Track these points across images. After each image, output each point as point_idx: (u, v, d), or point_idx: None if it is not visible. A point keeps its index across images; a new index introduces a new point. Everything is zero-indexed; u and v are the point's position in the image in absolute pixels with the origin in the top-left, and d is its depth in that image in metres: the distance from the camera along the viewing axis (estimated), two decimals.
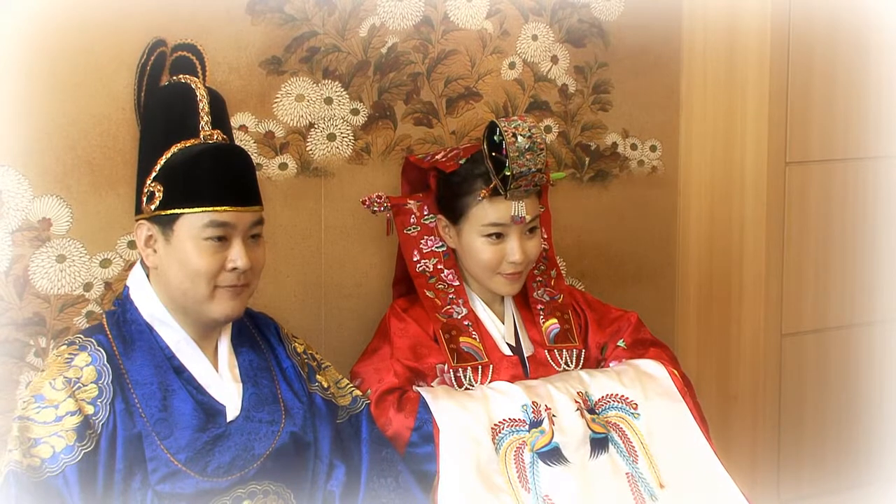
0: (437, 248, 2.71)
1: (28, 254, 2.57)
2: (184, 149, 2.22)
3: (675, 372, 2.70)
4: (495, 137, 2.55)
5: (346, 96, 2.92)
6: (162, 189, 2.21)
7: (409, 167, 2.84)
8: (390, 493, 2.36)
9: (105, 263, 2.65)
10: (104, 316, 2.31)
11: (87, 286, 2.64)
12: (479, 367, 2.61)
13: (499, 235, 2.60)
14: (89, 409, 2.14)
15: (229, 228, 2.21)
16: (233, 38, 2.75)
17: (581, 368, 2.69)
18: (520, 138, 2.54)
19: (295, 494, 2.30)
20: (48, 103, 2.56)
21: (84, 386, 2.16)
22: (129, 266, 2.62)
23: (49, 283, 2.60)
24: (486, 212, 2.59)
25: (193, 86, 2.28)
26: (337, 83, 2.90)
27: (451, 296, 2.67)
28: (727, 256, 3.42)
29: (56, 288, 2.61)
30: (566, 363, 2.70)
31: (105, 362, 2.19)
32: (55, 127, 2.58)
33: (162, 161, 2.22)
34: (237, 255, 2.21)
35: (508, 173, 2.54)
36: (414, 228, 2.73)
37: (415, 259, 2.70)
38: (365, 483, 2.36)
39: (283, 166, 2.85)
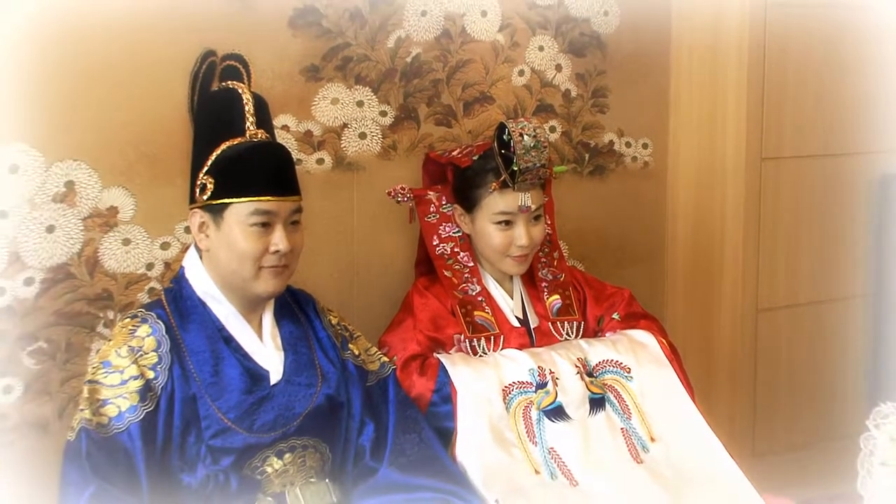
0: (453, 233, 2.71)
1: (98, 238, 2.58)
2: (232, 146, 2.21)
3: (664, 341, 2.70)
4: (504, 137, 2.55)
5: (376, 100, 2.92)
6: (213, 181, 2.20)
7: (429, 162, 2.85)
8: (414, 446, 2.35)
9: (164, 246, 2.66)
10: (163, 293, 2.31)
11: (149, 266, 2.64)
12: (492, 337, 2.61)
13: (508, 222, 2.60)
14: (150, 374, 2.15)
15: (272, 216, 2.20)
16: (276, 49, 2.75)
17: (580, 338, 2.69)
18: (526, 137, 2.54)
19: (330, 448, 2.31)
20: (114, 106, 2.57)
21: (145, 354, 2.17)
22: (185, 248, 2.62)
23: (116, 263, 2.61)
24: (496, 202, 2.59)
25: (240, 91, 2.27)
26: (367, 88, 2.90)
27: (466, 275, 2.67)
28: (710, 241, 3.42)
29: (122, 267, 2.61)
30: (567, 333, 2.69)
31: (164, 333, 2.20)
32: (120, 126, 2.58)
33: (213, 157, 2.21)
34: (279, 240, 2.20)
35: (516, 168, 2.54)
36: (433, 216, 2.73)
37: (434, 243, 2.70)
38: (392, 438, 2.35)
39: (320, 161, 2.85)
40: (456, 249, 2.69)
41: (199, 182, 2.22)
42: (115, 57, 2.55)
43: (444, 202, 2.73)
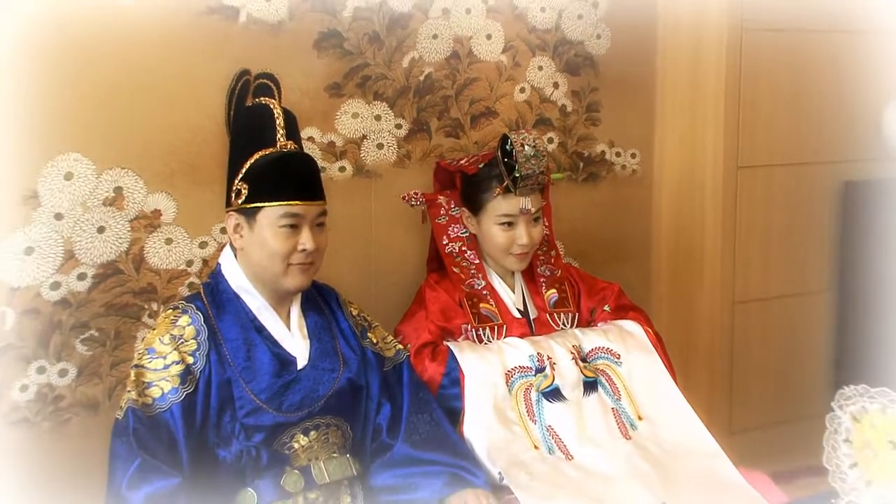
0: (461, 233, 2.71)
1: (143, 237, 2.58)
2: (264, 155, 2.21)
3: (650, 330, 2.70)
4: (507, 147, 2.56)
5: (392, 114, 2.91)
6: (247, 187, 2.20)
7: (439, 170, 2.84)
8: (425, 425, 2.35)
9: (203, 245, 2.66)
10: (201, 286, 2.31)
11: (189, 262, 2.65)
12: (496, 326, 2.61)
13: (510, 224, 2.60)
14: (190, 360, 2.16)
15: (299, 218, 2.20)
16: (303, 68, 2.75)
17: (575, 328, 2.68)
18: (526, 147, 2.55)
19: (351, 426, 2.32)
20: (158, 120, 2.57)
21: (186, 341, 2.18)
22: (221, 247, 2.62)
23: (159, 260, 2.61)
24: (500, 205, 2.59)
25: (272, 106, 2.27)
26: (384, 104, 2.90)
27: (472, 271, 2.67)
28: (691, 241, 3.42)
29: (165, 264, 2.62)
30: (563, 323, 2.69)
31: (202, 323, 2.20)
32: (163, 138, 2.58)
33: (247, 165, 2.21)
34: (306, 240, 2.20)
35: (518, 175, 2.55)
36: (443, 218, 2.73)
37: (444, 242, 2.70)
38: (406, 417, 2.35)
39: (342, 169, 2.85)
40: (463, 248, 2.69)
41: (234, 188, 2.22)
42: (159, 76, 2.55)
43: (452, 206, 2.73)
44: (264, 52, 2.65)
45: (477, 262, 2.68)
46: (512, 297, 2.67)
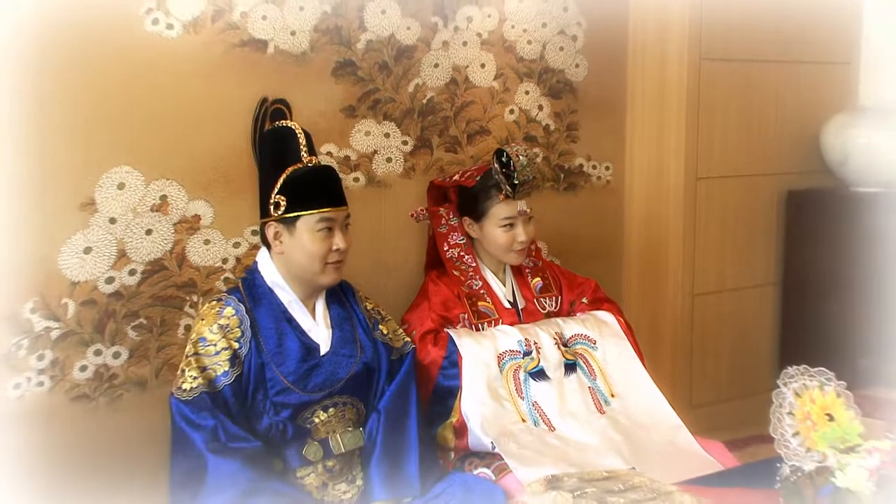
0: (459, 240, 2.67)
1: (185, 238, 2.58)
2: (295, 170, 2.20)
3: (622, 320, 2.69)
4: (503, 159, 2.53)
5: (399, 132, 2.90)
6: (285, 200, 2.18)
7: (433, 188, 2.77)
8: (390, 432, 2.28)
9: (236, 245, 2.65)
10: (240, 281, 2.29)
11: (224, 260, 2.64)
12: (492, 321, 2.59)
13: (510, 225, 2.58)
14: (235, 346, 2.16)
15: (332, 222, 2.21)
16: (322, 93, 2.74)
17: (558, 317, 2.67)
18: (521, 157, 2.53)
19: (364, 405, 2.30)
20: (198, 137, 2.57)
21: (231, 330, 2.17)
22: (253, 247, 2.63)
23: (199, 258, 2.60)
24: (501, 209, 2.57)
25: (293, 127, 2.25)
26: (392, 123, 2.89)
27: (470, 273, 2.64)
28: (657, 241, 3.42)
29: (203, 261, 2.61)
30: (550, 307, 2.68)
31: (244, 314, 2.19)
32: (202, 153, 2.58)
33: (281, 180, 2.19)
34: (339, 240, 2.21)
35: (517, 181, 2.53)
36: (444, 227, 2.69)
37: (445, 249, 2.67)
38: (391, 393, 2.31)
39: (356, 180, 2.85)
40: (462, 253, 2.65)
41: (272, 201, 2.20)
42: (198, 100, 2.55)
43: (451, 216, 2.69)
44: (288, 79, 2.65)
45: (474, 265, 2.64)
46: (503, 290, 2.65)
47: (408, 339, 2.43)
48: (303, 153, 2.22)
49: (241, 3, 2.59)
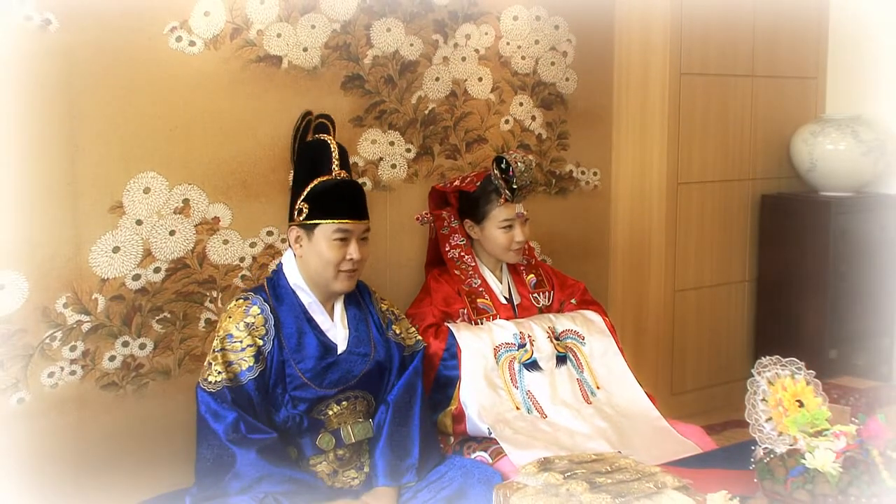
0: (459, 241, 2.65)
1: (205, 238, 2.58)
2: (322, 181, 2.19)
3: (606, 319, 2.68)
4: (503, 165, 2.52)
5: (403, 140, 2.91)
6: (308, 207, 2.18)
7: (434, 193, 2.76)
8: (396, 426, 2.26)
9: (252, 245, 2.65)
10: (265, 281, 2.26)
11: (241, 259, 2.63)
12: (490, 317, 2.58)
13: (509, 227, 2.57)
14: (260, 343, 2.14)
15: (349, 233, 2.19)
16: (332, 105, 2.73)
17: (550, 313, 2.66)
18: (520, 164, 2.52)
19: (375, 398, 2.29)
20: (217, 146, 2.57)
21: (257, 328, 2.15)
22: (268, 247, 2.63)
23: (218, 256, 2.60)
24: (501, 212, 2.56)
25: (329, 141, 2.25)
26: (397, 132, 2.89)
27: (469, 272, 2.63)
28: (641, 242, 3.42)
29: (222, 260, 2.61)
30: (543, 302, 2.67)
31: (269, 312, 2.17)
32: (222, 160, 2.58)
33: (308, 189, 2.19)
34: (353, 251, 2.19)
35: (516, 186, 2.53)
36: (446, 229, 2.68)
37: (447, 249, 2.66)
38: (399, 387, 2.30)
39: (363, 185, 2.80)
40: (462, 254, 2.64)
41: (297, 207, 2.20)
42: (218, 111, 2.55)
43: (452, 219, 2.68)
44: (301, 92, 2.66)
45: (473, 264, 2.63)
46: (500, 287, 2.65)
47: (419, 337, 2.41)
48: (334, 166, 2.20)
49: (257, 21, 2.60)
